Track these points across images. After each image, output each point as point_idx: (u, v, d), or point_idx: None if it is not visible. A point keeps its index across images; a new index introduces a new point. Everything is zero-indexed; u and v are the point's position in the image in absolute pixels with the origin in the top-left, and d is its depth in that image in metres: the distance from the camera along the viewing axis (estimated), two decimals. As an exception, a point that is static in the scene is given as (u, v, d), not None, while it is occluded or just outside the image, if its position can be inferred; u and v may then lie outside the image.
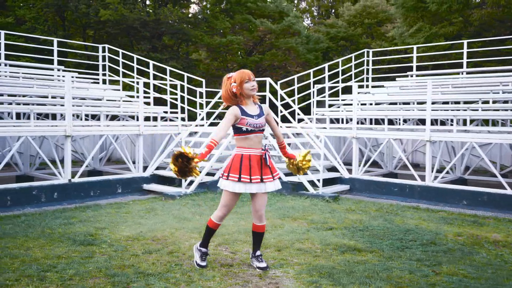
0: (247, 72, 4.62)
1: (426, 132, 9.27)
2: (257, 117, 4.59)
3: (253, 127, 4.58)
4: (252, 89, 4.57)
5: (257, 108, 4.64)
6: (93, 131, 9.34)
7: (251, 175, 4.56)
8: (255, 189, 4.62)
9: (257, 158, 4.61)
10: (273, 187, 4.67)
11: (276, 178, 4.68)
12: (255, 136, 4.61)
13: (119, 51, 14.36)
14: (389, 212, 7.98)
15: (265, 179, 4.60)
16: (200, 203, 8.32)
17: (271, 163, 4.66)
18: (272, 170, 4.64)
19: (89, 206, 8.17)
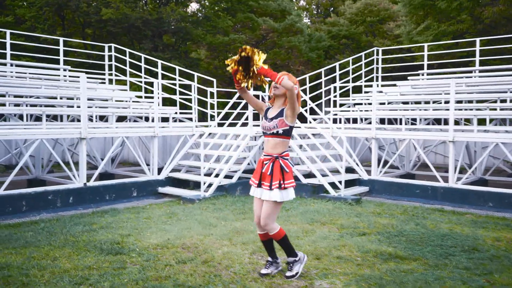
0: (280, 73, 4.43)
1: (450, 133, 9.06)
2: (270, 120, 4.41)
3: (264, 129, 4.47)
4: (272, 87, 4.46)
5: (279, 110, 4.42)
6: (108, 133, 9.10)
7: (253, 178, 4.55)
8: (251, 192, 4.57)
9: (262, 161, 4.48)
10: (267, 196, 4.35)
11: (274, 188, 4.32)
12: (267, 140, 4.46)
13: (126, 50, 14.09)
14: (415, 215, 7.77)
15: (263, 184, 4.42)
16: (221, 207, 8.08)
17: (276, 173, 4.34)
18: (273, 179, 4.33)
19: (106, 211, 7.91)
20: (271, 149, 4.44)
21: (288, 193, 4.40)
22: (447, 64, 18.26)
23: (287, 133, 4.41)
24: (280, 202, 4.40)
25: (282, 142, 4.42)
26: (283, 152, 4.43)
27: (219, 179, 9.09)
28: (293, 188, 4.44)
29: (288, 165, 4.43)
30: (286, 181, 4.37)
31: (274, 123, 4.38)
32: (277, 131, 4.38)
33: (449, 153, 9.17)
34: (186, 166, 10.41)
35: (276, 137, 4.40)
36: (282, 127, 4.37)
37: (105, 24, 23.66)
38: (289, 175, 4.41)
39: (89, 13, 23.43)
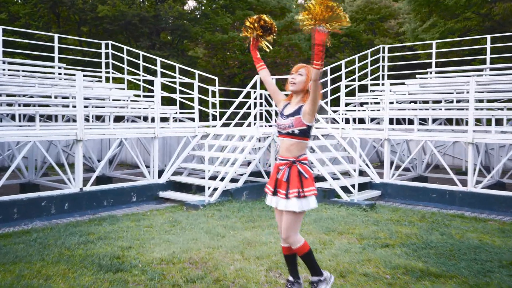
0: (297, 65, 3.92)
1: (469, 134, 8.54)
2: (286, 117, 3.86)
3: (278, 127, 3.92)
4: (289, 82, 3.89)
5: (296, 108, 3.85)
6: (106, 134, 8.53)
7: (268, 184, 4.02)
8: (268, 201, 4.01)
9: (277, 166, 3.93)
10: (283, 206, 3.80)
11: (292, 197, 3.75)
12: (282, 140, 3.90)
13: (124, 47, 13.52)
14: (435, 222, 7.25)
15: (279, 192, 3.86)
16: (227, 214, 7.53)
17: (293, 180, 3.80)
18: (290, 186, 3.78)
19: (104, 218, 7.36)
20: (286, 151, 3.89)
21: (308, 202, 3.81)
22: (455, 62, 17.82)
23: (304, 133, 3.82)
24: (300, 212, 3.84)
25: (298, 144, 3.85)
26: (300, 156, 3.86)
27: (224, 183, 8.54)
28: (314, 196, 3.88)
29: (308, 170, 3.86)
30: (305, 189, 3.81)
31: (290, 121, 3.81)
32: (293, 131, 3.81)
33: (468, 155, 8.65)
34: (188, 169, 9.85)
35: (292, 137, 3.83)
36: (299, 126, 3.78)
37: (101, 21, 23.08)
38: (308, 181, 3.83)
39: (84, 10, 22.83)
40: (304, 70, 3.83)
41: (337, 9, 3.46)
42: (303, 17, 3.48)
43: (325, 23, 3.45)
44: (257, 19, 4.08)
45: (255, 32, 4.09)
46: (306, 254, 3.88)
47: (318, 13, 3.42)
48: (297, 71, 3.84)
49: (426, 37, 18.02)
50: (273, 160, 9.95)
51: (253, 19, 4.10)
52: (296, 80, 3.83)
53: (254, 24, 4.08)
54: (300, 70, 3.83)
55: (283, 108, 3.98)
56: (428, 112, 10.65)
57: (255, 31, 4.09)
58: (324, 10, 3.42)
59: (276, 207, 3.94)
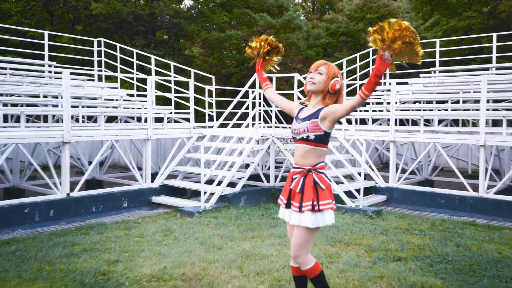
0: (316, 63, 3.41)
1: (481, 136, 8.06)
2: (301, 120, 3.38)
3: (292, 132, 3.44)
4: (308, 82, 3.40)
5: (314, 110, 3.36)
6: (95, 136, 7.99)
7: (282, 195, 3.54)
8: (281, 214, 3.53)
9: (291, 176, 3.45)
10: (296, 220, 3.30)
11: (306, 211, 3.24)
12: (296, 147, 3.43)
13: (117, 45, 13.00)
14: (447, 230, 6.77)
15: (292, 205, 3.37)
16: (224, 221, 7.02)
17: (308, 191, 3.30)
18: (304, 198, 3.29)
19: (92, 226, 6.84)
20: (301, 158, 3.39)
21: (324, 217, 3.29)
22: (459, 61, 17.37)
23: (320, 140, 3.32)
24: (314, 229, 3.34)
25: (314, 151, 3.35)
26: (317, 164, 3.36)
27: (221, 188, 8.03)
28: (332, 210, 3.38)
29: (325, 181, 3.36)
30: (321, 201, 3.31)
31: (305, 125, 3.33)
32: (307, 136, 3.31)
33: (480, 158, 8.16)
34: (183, 173, 9.34)
35: (306, 143, 3.34)
36: (315, 131, 3.29)
37: (95, 19, 22.53)
38: (325, 193, 3.33)
39: (78, 7, 22.29)
40: (324, 68, 3.33)
41: (415, 45, 2.82)
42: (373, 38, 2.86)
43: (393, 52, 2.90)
44: (263, 38, 3.80)
45: (262, 50, 3.81)
46: (317, 277, 3.37)
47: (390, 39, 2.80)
48: (317, 70, 3.34)
49: (428, 35, 17.55)
50: (273, 163, 9.46)
51: (260, 38, 3.82)
52: (316, 80, 3.33)
53: (261, 42, 3.80)
54: (320, 69, 3.34)
55: (299, 111, 3.50)
56: (436, 112, 10.19)
57: (262, 49, 3.80)
58: (399, 39, 2.79)
59: (288, 222, 3.45)
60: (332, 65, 3.38)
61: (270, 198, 8.82)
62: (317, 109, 3.34)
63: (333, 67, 3.38)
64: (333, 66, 3.37)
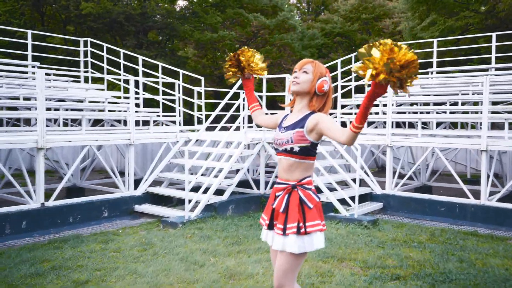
0: (301, 61, 2.93)
1: (482, 140, 7.61)
2: (284, 129, 2.91)
3: (275, 143, 2.97)
4: (291, 82, 2.92)
5: (300, 117, 2.90)
6: (73, 141, 7.49)
7: (264, 214, 3.05)
8: (263, 236, 3.03)
9: (274, 192, 2.97)
10: (280, 245, 2.81)
11: (290, 234, 2.78)
12: (280, 159, 2.94)
13: (103, 45, 12.51)
14: (447, 241, 6.32)
15: (275, 226, 2.90)
16: (209, 233, 6.54)
17: (292, 210, 2.83)
18: (288, 219, 2.82)
19: (67, 239, 6.35)
20: (285, 173, 2.91)
21: (312, 241, 2.81)
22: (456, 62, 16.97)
23: (307, 152, 2.84)
24: (300, 255, 2.86)
25: (299, 165, 2.87)
26: (303, 179, 2.88)
27: (208, 196, 7.54)
28: (320, 233, 2.91)
29: (312, 199, 2.88)
30: (308, 223, 2.83)
31: (289, 135, 2.85)
32: (291, 148, 2.84)
33: (482, 164, 7.71)
34: (169, 179, 8.85)
35: (290, 156, 2.86)
36: (300, 143, 2.82)
37: (85, 19, 22.03)
38: (313, 213, 2.84)
39: (68, 7, 21.78)
40: (310, 66, 2.87)
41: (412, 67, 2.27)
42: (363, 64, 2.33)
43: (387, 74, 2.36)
44: (234, 55, 3.27)
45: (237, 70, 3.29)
46: None
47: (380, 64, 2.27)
48: (302, 68, 2.88)
49: (425, 35, 17.14)
50: (263, 168, 8.99)
51: (231, 55, 3.30)
52: (300, 79, 2.86)
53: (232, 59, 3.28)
54: (306, 67, 2.87)
55: (283, 119, 3.03)
56: (434, 115, 9.78)
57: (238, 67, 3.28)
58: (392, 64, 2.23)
59: (271, 246, 2.98)
60: (319, 64, 2.92)
61: (259, 206, 8.35)
62: (303, 116, 2.88)
63: (321, 65, 2.91)
64: (320, 65, 2.91)
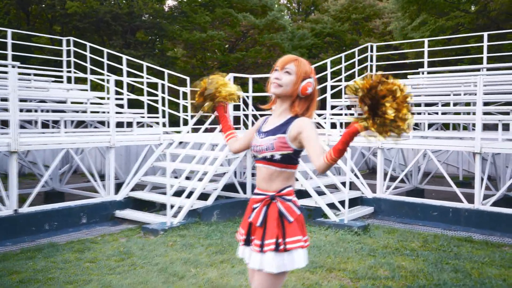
0: (283, 58, 2.60)
1: (476, 142, 7.34)
2: (264, 134, 2.60)
3: (253, 149, 2.65)
4: (272, 82, 2.59)
5: (282, 121, 2.59)
6: (49, 144, 7.11)
7: (241, 228, 2.72)
8: (240, 253, 2.70)
9: (251, 204, 2.66)
10: (257, 263, 2.50)
11: (268, 251, 2.47)
12: (258, 168, 2.62)
13: (87, 44, 12.12)
14: (440, 248, 6.05)
15: (252, 242, 2.59)
16: (192, 241, 6.21)
17: (272, 224, 2.52)
18: (266, 235, 2.51)
19: (41, 248, 6.00)
20: (264, 182, 2.60)
21: (292, 258, 2.49)
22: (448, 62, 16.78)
23: (288, 160, 2.55)
24: (279, 274, 2.54)
25: (280, 174, 2.56)
26: (283, 189, 2.58)
27: (191, 201, 7.21)
28: (302, 249, 2.59)
29: (293, 211, 2.56)
30: (288, 239, 2.52)
31: (269, 141, 2.54)
32: (271, 156, 2.53)
33: (475, 167, 7.45)
34: (152, 183, 8.50)
35: (270, 164, 2.55)
36: (281, 150, 2.51)
37: (71, 18, 21.60)
38: (293, 228, 2.53)
39: (54, 6, 21.33)
40: (294, 66, 2.55)
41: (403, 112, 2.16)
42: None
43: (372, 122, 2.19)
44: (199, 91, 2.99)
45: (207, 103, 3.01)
46: None
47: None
48: (284, 67, 2.55)
49: (415, 35, 16.93)
50: (250, 171, 8.68)
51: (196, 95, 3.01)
52: (282, 81, 2.54)
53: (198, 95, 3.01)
54: (288, 66, 2.55)
55: (263, 123, 2.71)
56: (426, 117, 9.54)
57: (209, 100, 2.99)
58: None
59: (248, 264, 2.66)
60: (304, 62, 2.60)
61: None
62: (285, 120, 2.57)
63: (305, 64, 2.60)
64: (304, 63, 2.59)
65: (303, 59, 2.60)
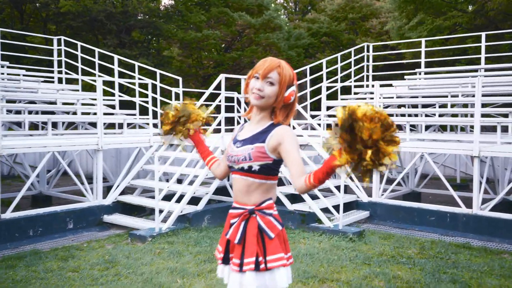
0: (264, 65, 2.32)
1: (474, 145, 7.13)
2: (241, 143, 2.38)
3: (229, 160, 2.42)
4: (252, 94, 2.33)
5: (260, 129, 2.37)
6: (33, 147, 6.88)
7: (220, 244, 2.49)
8: (219, 272, 2.47)
9: (229, 219, 2.44)
10: (237, 284, 2.29)
11: (248, 270, 2.26)
12: (235, 179, 2.41)
13: (78, 44, 11.87)
14: (438, 256, 5.85)
15: (231, 261, 2.37)
16: (180, 248, 5.99)
17: (251, 241, 2.30)
18: (246, 252, 2.30)
19: (23, 256, 5.77)
20: (242, 195, 2.38)
21: (274, 278, 2.28)
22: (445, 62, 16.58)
23: (268, 171, 2.33)
24: None
25: (259, 186, 2.35)
26: (263, 202, 2.36)
27: (181, 206, 6.98)
28: (285, 268, 2.37)
29: (274, 227, 2.34)
30: (269, 257, 2.30)
31: (246, 151, 2.33)
32: (249, 167, 2.32)
33: (474, 171, 7.24)
34: (142, 187, 8.27)
35: (248, 175, 2.34)
36: (260, 160, 2.30)
37: (64, 17, 21.34)
38: (275, 244, 2.32)
39: (48, 5, 21.06)
40: (277, 74, 2.30)
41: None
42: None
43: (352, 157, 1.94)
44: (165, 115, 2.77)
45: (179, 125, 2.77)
46: None
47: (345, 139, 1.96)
48: (266, 77, 2.29)
49: (412, 35, 16.72)
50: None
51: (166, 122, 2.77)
52: (265, 92, 2.30)
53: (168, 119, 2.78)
54: (271, 75, 2.29)
55: (239, 130, 2.49)
56: (423, 119, 9.33)
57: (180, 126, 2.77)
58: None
59: (227, 284, 2.44)
60: (286, 68, 2.34)
61: (238, 215, 7.81)
62: (264, 128, 2.35)
63: (288, 71, 2.34)
64: (287, 70, 2.34)
65: (285, 64, 2.37)
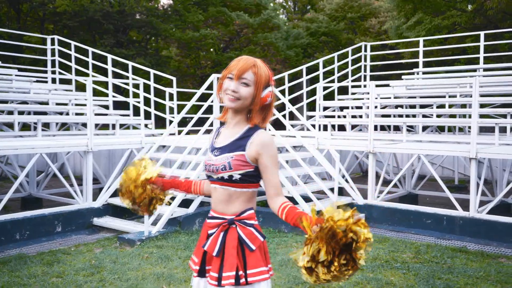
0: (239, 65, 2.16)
1: (472, 147, 6.98)
2: (219, 151, 2.23)
3: (207, 169, 2.27)
4: (227, 94, 2.18)
5: (238, 134, 2.22)
6: (20, 149, 6.72)
7: (194, 256, 2.36)
8: (194, 285, 2.33)
9: (206, 230, 2.30)
10: None
11: (227, 285, 2.12)
12: (214, 189, 2.26)
13: (71, 43, 11.72)
14: (433, 260, 5.71)
15: (208, 274, 2.23)
16: (169, 253, 5.84)
17: (230, 254, 2.16)
18: (225, 266, 2.15)
19: (8, 261, 5.61)
20: (221, 204, 2.24)
21: None
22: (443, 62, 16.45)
23: (249, 179, 2.20)
24: None
25: (240, 195, 2.21)
26: (244, 212, 2.22)
27: (171, 208, 6.83)
28: (266, 282, 2.23)
29: (256, 238, 2.20)
30: (250, 270, 2.16)
31: (225, 160, 2.18)
32: (230, 176, 2.18)
33: (471, 173, 7.09)
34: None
35: (229, 185, 2.20)
36: (241, 169, 2.16)
37: (61, 17, 21.20)
38: (255, 257, 2.18)
39: (45, 4, 20.93)
40: (252, 75, 2.16)
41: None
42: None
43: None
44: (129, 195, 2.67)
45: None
46: None
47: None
48: (240, 77, 2.15)
49: (411, 35, 16.58)
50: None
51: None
52: (240, 94, 2.15)
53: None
54: (246, 76, 2.15)
55: (215, 135, 2.34)
56: (420, 119, 9.18)
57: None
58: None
59: None
60: (262, 68, 2.19)
61: (231, 218, 7.66)
62: (242, 133, 2.20)
63: (264, 70, 2.19)
64: (263, 70, 2.19)
65: (261, 63, 2.21)
